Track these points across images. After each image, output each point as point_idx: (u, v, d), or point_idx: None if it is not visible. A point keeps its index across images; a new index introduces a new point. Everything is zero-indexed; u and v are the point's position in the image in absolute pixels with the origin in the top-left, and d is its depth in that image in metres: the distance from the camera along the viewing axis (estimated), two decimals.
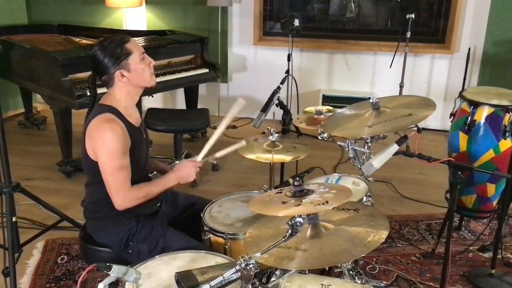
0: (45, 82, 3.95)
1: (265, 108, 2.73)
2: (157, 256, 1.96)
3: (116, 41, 2.12)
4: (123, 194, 2.09)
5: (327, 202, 1.59)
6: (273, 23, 5.36)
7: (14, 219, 2.61)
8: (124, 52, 2.11)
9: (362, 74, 5.26)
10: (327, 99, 5.12)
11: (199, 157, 2.30)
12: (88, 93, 3.61)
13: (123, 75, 2.12)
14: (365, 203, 2.37)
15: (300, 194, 1.68)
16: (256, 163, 2.62)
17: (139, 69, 2.15)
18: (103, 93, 2.22)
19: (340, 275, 2.17)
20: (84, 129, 2.14)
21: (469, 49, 4.83)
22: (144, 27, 5.31)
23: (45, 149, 4.58)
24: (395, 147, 2.08)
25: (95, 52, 2.12)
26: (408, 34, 4.63)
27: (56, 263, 2.98)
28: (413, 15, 4.58)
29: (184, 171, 2.24)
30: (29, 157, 4.42)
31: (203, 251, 2.01)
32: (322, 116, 2.76)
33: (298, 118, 2.83)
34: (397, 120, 2.18)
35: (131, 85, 2.16)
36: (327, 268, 2.51)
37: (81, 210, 2.35)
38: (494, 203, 3.06)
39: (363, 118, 2.31)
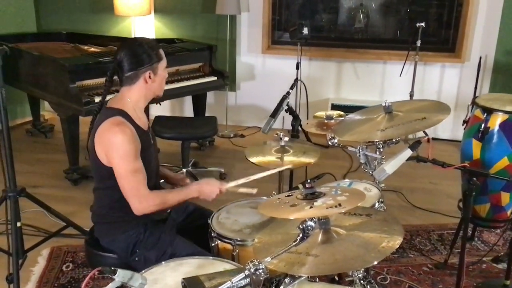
0: (53, 88, 3.94)
1: (274, 114, 2.70)
2: (163, 262, 1.91)
3: (152, 43, 2.16)
4: (140, 197, 2.05)
5: (340, 204, 1.54)
6: (282, 32, 5.34)
7: (18, 224, 2.57)
8: (158, 56, 2.15)
9: (372, 83, 5.22)
10: (336, 108, 5.04)
11: (229, 184, 2.23)
12: (95, 97, 3.62)
13: (150, 76, 2.12)
14: (378, 209, 2.31)
15: (312, 196, 1.62)
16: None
17: (162, 76, 2.18)
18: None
19: (351, 284, 2.10)
20: (93, 132, 2.11)
21: (480, 58, 4.77)
22: (152, 36, 5.30)
23: (52, 157, 4.56)
24: (408, 152, 2.04)
25: (131, 46, 2.12)
26: (418, 43, 4.60)
27: (61, 271, 2.94)
28: (423, 24, 4.54)
29: (208, 188, 2.19)
30: (36, 165, 4.40)
31: (211, 257, 1.97)
32: (332, 121, 2.72)
33: (308, 123, 2.78)
34: (410, 123, 2.13)
35: (148, 90, 2.16)
36: (337, 278, 2.45)
37: (88, 218, 2.32)
38: (509, 212, 2.98)
39: (375, 122, 2.26)
